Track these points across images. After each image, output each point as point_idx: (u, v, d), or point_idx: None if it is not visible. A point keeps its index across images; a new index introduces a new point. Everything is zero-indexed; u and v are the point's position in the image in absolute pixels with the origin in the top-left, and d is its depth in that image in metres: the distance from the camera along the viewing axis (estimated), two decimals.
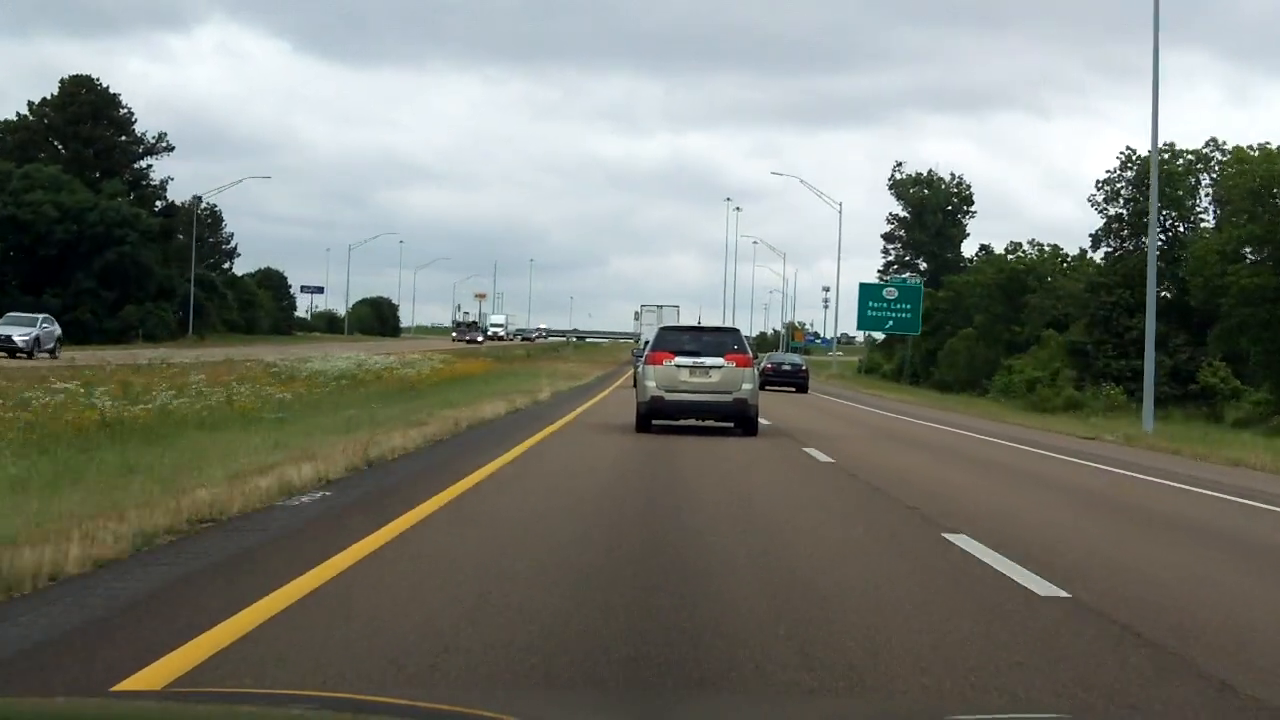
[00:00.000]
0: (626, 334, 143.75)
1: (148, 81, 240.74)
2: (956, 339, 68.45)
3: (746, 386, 21.45)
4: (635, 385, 21.65)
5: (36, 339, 49.91)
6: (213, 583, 6.66)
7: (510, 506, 9.76)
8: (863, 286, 78.48)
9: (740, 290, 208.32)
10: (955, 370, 66.97)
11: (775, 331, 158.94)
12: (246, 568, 7.03)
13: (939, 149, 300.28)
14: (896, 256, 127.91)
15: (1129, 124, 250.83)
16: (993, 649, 5.77)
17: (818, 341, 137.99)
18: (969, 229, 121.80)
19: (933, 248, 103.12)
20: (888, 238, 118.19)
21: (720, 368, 21.93)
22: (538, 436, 17.16)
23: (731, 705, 4.40)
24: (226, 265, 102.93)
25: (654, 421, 20.01)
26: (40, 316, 56.08)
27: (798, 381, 54.51)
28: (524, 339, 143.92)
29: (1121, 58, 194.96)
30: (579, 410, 24.24)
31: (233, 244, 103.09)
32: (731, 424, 21.04)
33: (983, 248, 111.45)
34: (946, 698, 5.66)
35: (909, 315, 75.58)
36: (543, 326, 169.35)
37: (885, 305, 76.77)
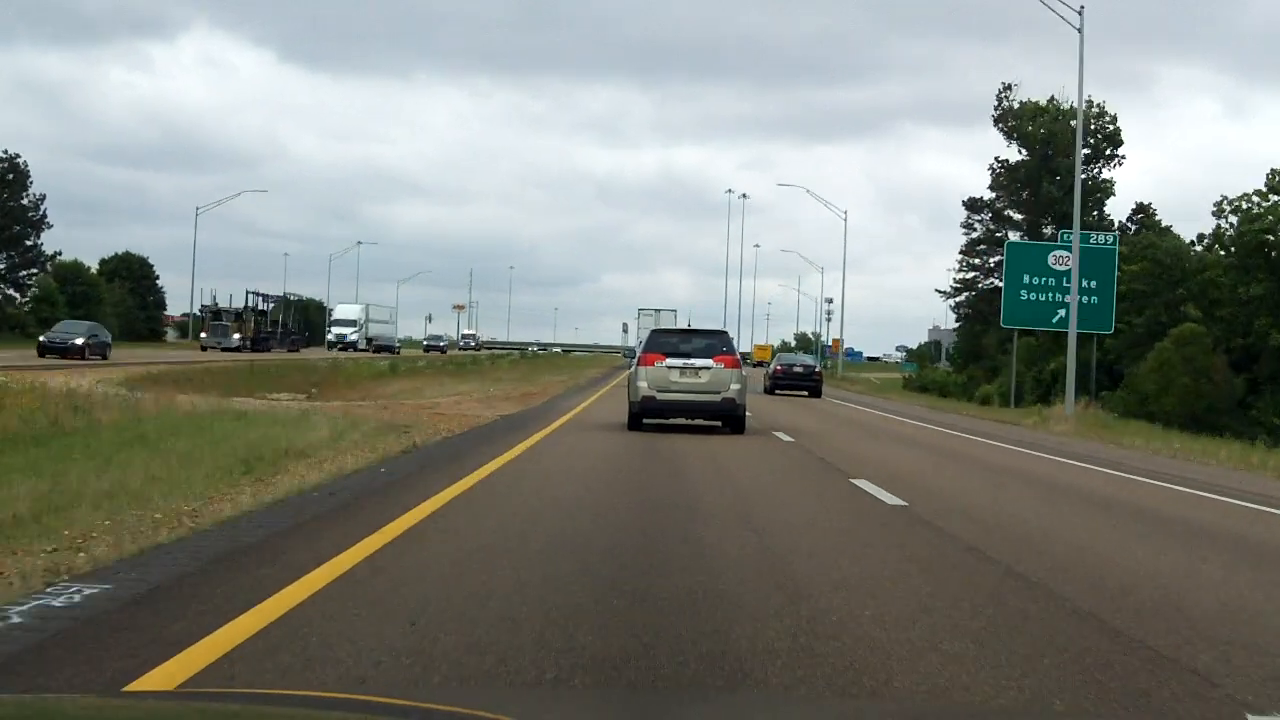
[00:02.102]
0: (609, 346, 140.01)
1: (133, 91, 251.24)
2: (1168, 342, 21.88)
3: (735, 387, 22.83)
4: (628, 385, 24.03)
5: None
6: None
7: None
8: (1013, 248, 49.60)
9: (734, 303, 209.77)
10: (1173, 397, 19.14)
11: (784, 343, 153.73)
12: None
13: (936, 162, 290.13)
14: (985, 233, 79.89)
15: (1126, 135, 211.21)
16: None
17: (846, 356, 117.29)
18: (1116, 183, 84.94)
19: (1066, 206, 55.77)
20: (973, 206, 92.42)
21: (709, 369, 22.92)
22: None
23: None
24: (32, 241, 61.45)
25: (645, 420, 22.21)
26: None
27: (810, 385, 50.08)
28: (380, 349, 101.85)
29: (1118, 70, 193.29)
30: None
31: (42, 211, 61.97)
32: (720, 423, 22.91)
33: (1139, 208, 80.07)
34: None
35: (1094, 299, 45.18)
36: (473, 330, 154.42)
37: (1051, 282, 46.70)
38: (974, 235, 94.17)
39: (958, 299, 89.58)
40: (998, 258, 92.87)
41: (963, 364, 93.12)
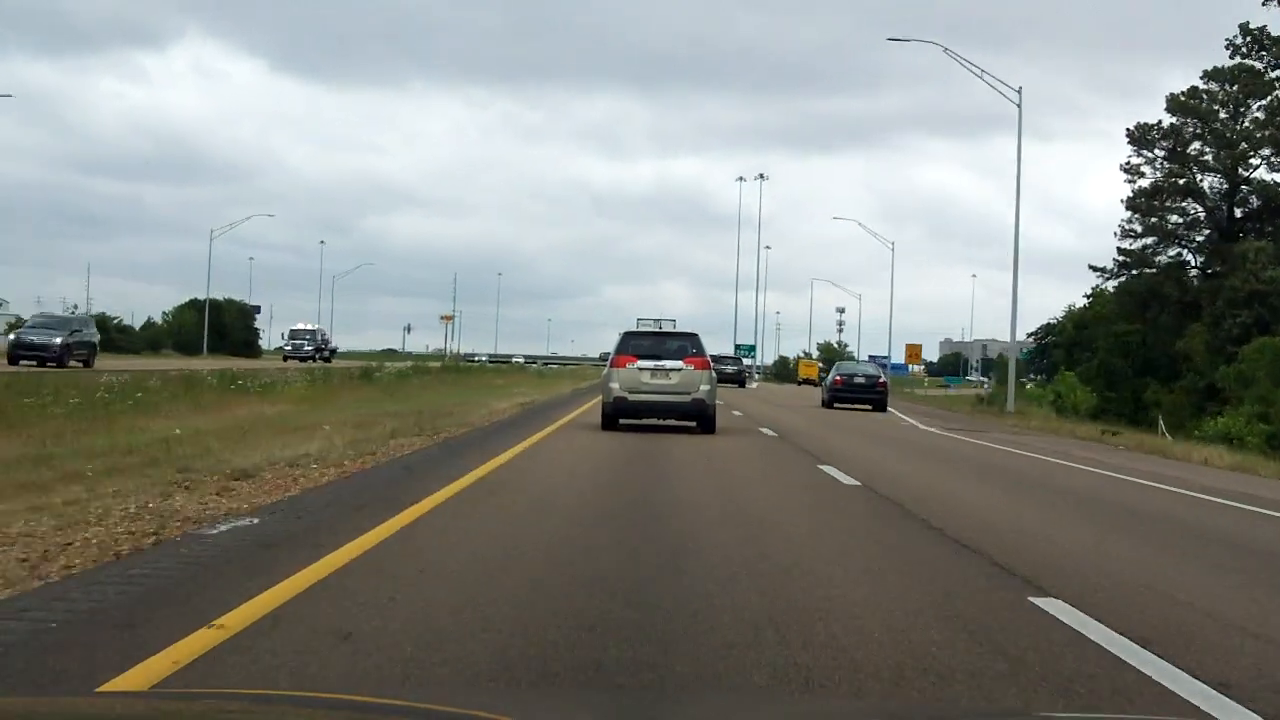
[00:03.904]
0: (596, 359, 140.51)
1: (124, 101, 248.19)
2: None
3: (704, 387, 24.77)
4: (602, 387, 27.49)
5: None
6: None
7: None
8: None
9: (742, 310, 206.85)
10: None
11: (806, 355, 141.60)
12: None
13: (936, 173, 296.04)
14: (1164, 179, 28.43)
15: (1128, 148, 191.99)
16: None
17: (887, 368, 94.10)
18: None
19: None
20: (1142, 138, 61.48)
21: (679, 370, 24.44)
22: None
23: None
24: None
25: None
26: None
27: (873, 397, 46.38)
28: None
29: (1122, 78, 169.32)
30: None
31: None
32: (693, 423, 25.50)
33: None
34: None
35: None
36: (311, 327, 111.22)
37: None
38: (1142, 183, 61.78)
39: (1120, 278, 58.24)
40: (1176, 217, 61.17)
41: (1102, 379, 62.17)
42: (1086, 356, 71.33)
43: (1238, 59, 55.67)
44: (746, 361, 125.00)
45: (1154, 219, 62.32)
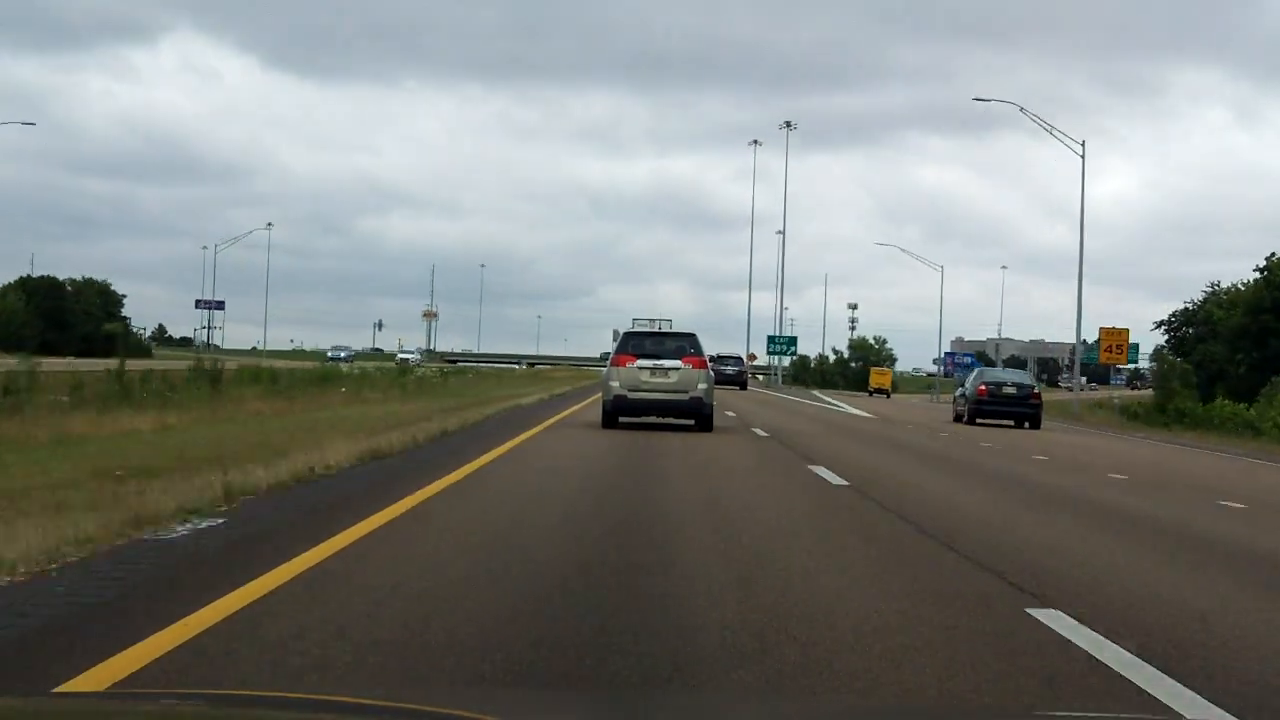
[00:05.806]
0: (588, 359, 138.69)
1: (115, 100, 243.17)
2: None
3: (702, 386, 26.83)
4: (602, 386, 30.69)
5: None
6: None
7: None
8: None
9: (735, 321, 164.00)
10: None
11: (834, 353, 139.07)
12: None
13: (937, 172, 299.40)
14: None
15: (1132, 145, 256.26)
16: None
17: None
18: None
19: None
20: None
21: (678, 369, 26.32)
22: None
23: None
24: None
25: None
26: None
27: (1026, 412, 40.82)
28: None
29: (1126, 75, 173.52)
30: None
31: None
32: (691, 421, 27.59)
33: None
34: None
35: None
36: None
37: None
38: None
39: None
40: None
41: None
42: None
43: None
44: (770, 360, 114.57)
45: None
